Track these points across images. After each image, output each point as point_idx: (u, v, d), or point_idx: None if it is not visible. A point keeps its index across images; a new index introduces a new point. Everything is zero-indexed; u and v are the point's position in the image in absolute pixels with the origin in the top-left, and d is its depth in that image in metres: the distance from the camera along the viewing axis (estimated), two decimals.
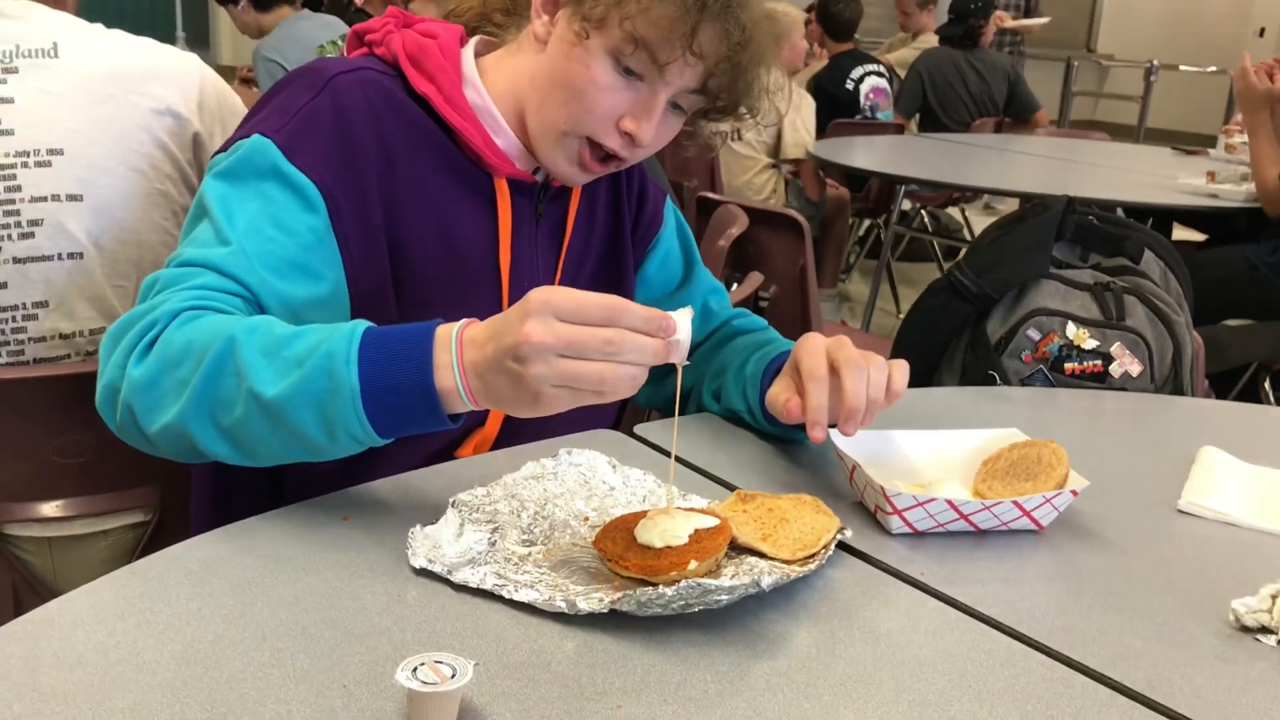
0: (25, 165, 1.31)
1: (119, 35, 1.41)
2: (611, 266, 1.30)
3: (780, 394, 1.13)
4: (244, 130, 1.08)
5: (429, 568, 0.88)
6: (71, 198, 1.33)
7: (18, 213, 1.32)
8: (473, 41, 1.20)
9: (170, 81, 1.40)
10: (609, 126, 1.10)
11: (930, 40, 6.03)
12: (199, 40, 10.74)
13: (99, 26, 1.40)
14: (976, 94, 5.59)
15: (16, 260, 1.33)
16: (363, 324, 0.91)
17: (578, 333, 0.82)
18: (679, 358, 0.86)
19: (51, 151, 1.32)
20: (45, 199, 1.32)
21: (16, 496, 1.32)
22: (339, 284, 1.07)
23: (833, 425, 1.07)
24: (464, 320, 0.90)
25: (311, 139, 1.06)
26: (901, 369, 1.08)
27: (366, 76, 1.11)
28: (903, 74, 5.83)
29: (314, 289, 1.04)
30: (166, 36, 1.51)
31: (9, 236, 1.32)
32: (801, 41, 4.70)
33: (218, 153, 1.09)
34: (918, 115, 5.72)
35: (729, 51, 1.07)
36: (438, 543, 0.92)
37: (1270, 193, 3.14)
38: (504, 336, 0.84)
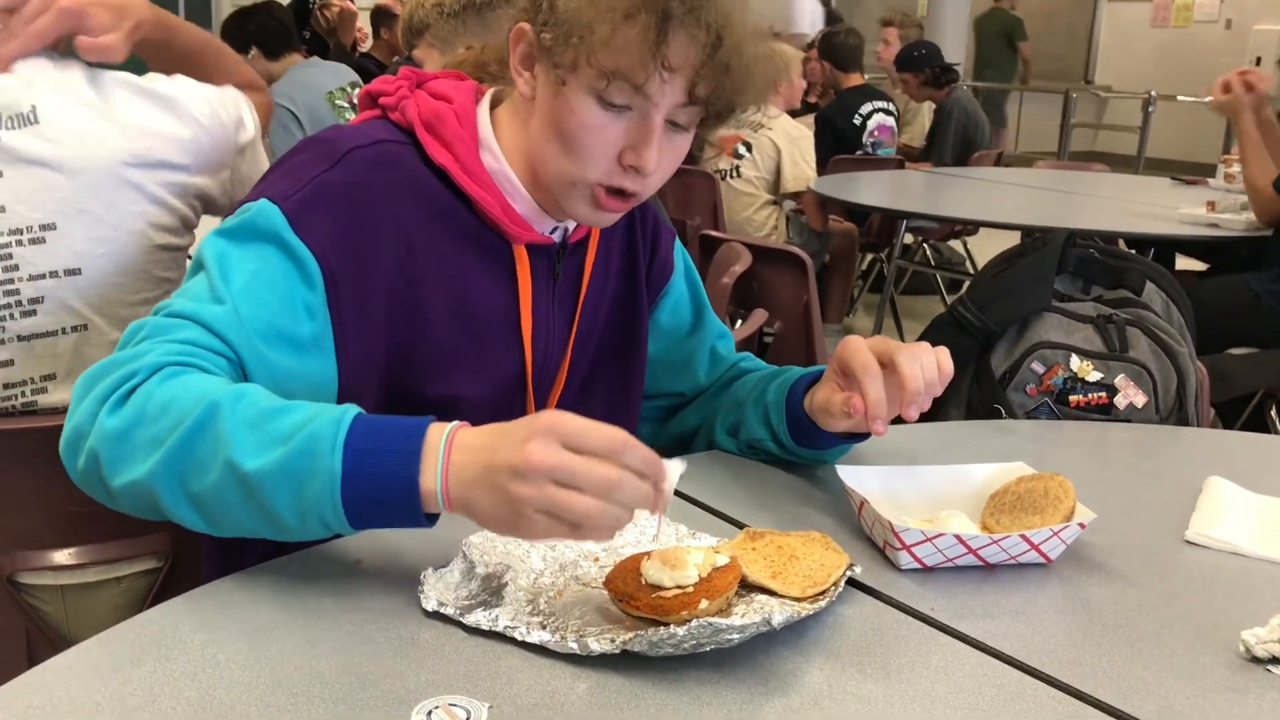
0: (20, 243, 1.28)
1: (108, 88, 1.34)
2: (626, 314, 1.29)
3: (834, 396, 1.14)
4: (253, 194, 1.06)
5: (441, 610, 0.89)
6: (70, 272, 1.31)
7: (17, 292, 1.29)
8: (487, 96, 1.18)
9: (167, 143, 1.35)
10: (612, 165, 1.08)
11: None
12: (201, 23, 10.80)
13: (83, 78, 1.33)
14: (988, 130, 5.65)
15: (21, 338, 1.31)
16: (353, 409, 0.89)
17: (578, 462, 0.81)
18: (661, 507, 0.85)
19: (44, 227, 1.28)
20: (44, 276, 1.30)
21: (31, 544, 1.32)
22: (327, 361, 1.05)
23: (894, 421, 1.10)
24: (456, 423, 0.89)
25: (320, 213, 1.04)
26: (945, 353, 1.11)
27: (384, 151, 1.10)
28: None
29: (301, 363, 1.02)
30: None
31: (11, 316, 1.30)
32: (799, 80, 4.70)
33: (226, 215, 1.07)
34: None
35: (704, 55, 1.03)
36: (449, 585, 0.92)
37: (1263, 199, 3.17)
38: (501, 451, 0.83)
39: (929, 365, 1.08)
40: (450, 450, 0.86)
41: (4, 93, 1.28)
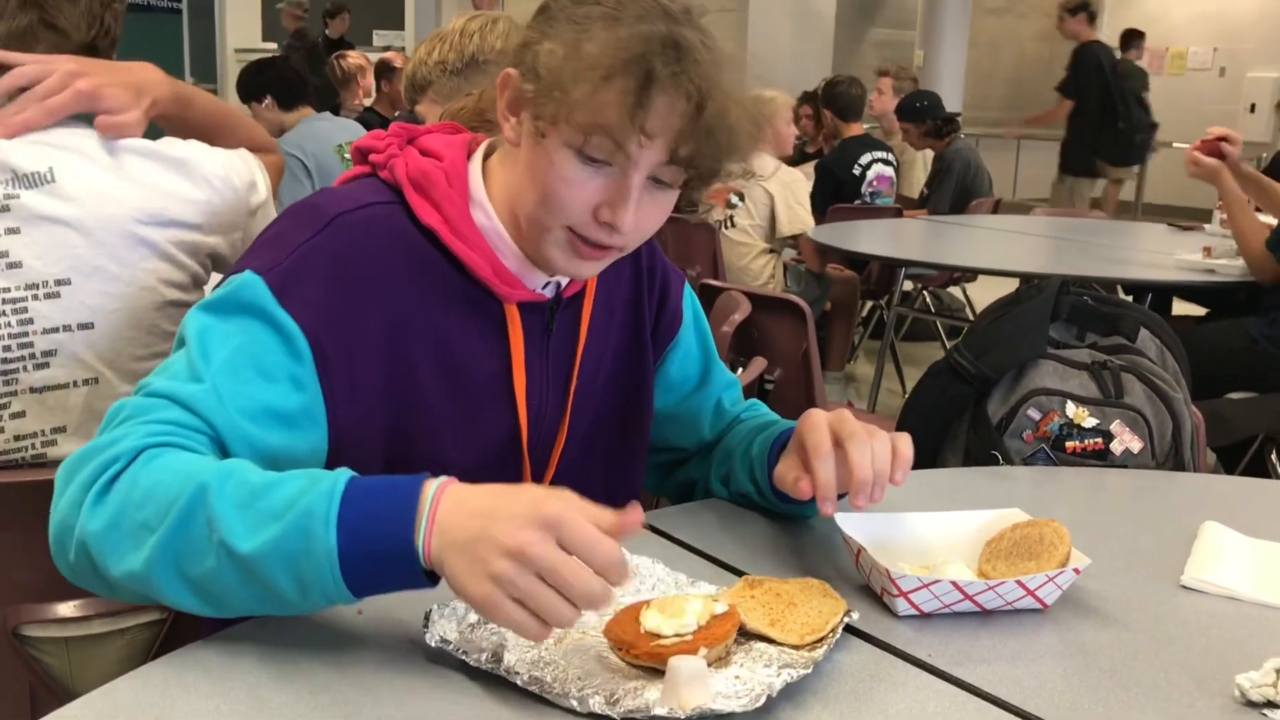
0: (35, 297, 1.31)
1: (122, 151, 1.36)
2: (630, 369, 1.27)
3: (788, 472, 1.15)
4: (239, 265, 1.05)
5: (444, 648, 0.89)
6: (82, 326, 1.33)
7: (31, 345, 1.32)
8: (481, 148, 1.17)
9: (179, 203, 1.37)
10: (586, 219, 1.06)
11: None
12: (206, 80, 10.86)
13: (96, 139, 1.36)
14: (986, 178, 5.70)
15: (33, 390, 1.33)
16: (344, 476, 0.88)
17: (571, 570, 0.82)
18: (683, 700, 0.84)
19: (59, 282, 1.31)
20: (57, 330, 1.32)
21: (36, 597, 1.33)
22: (318, 433, 1.03)
23: (843, 496, 1.09)
24: (444, 479, 0.88)
25: (306, 283, 1.03)
26: (905, 440, 1.10)
27: (371, 215, 1.09)
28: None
29: (288, 438, 1.01)
30: (174, 76, 1.49)
31: (25, 368, 1.32)
32: (786, 128, 4.71)
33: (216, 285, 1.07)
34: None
35: (686, 120, 1.01)
36: (454, 622, 0.93)
37: (1258, 260, 3.19)
38: (497, 526, 0.83)
39: (881, 454, 1.08)
40: (437, 506, 0.86)
41: (23, 154, 1.31)
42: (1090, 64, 7.09)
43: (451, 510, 0.86)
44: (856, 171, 5.16)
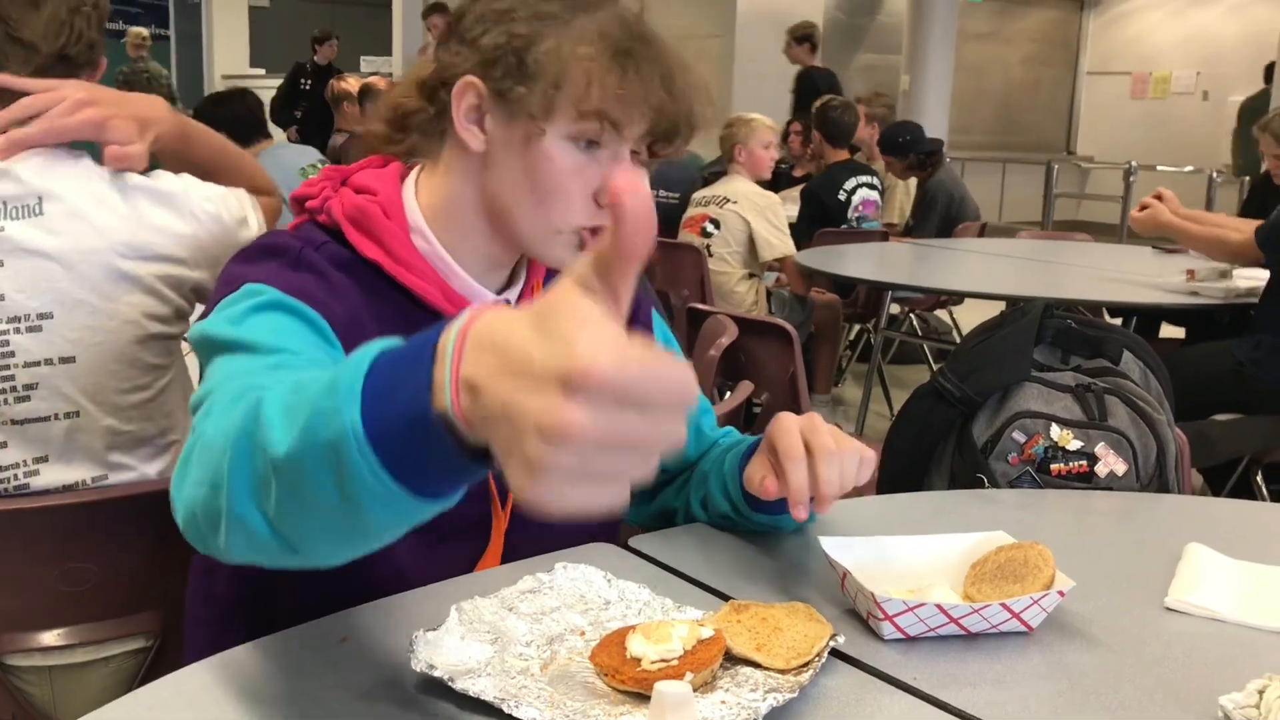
0: (18, 331, 1.30)
1: (113, 183, 1.36)
2: None
3: (756, 473, 1.15)
4: (222, 291, 1.05)
5: (430, 673, 0.89)
6: (64, 360, 1.33)
7: (13, 378, 1.31)
8: (411, 176, 1.18)
9: (166, 237, 1.37)
10: (590, 207, 1.10)
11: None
12: (193, 104, 10.90)
13: (91, 171, 1.36)
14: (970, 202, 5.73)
15: (15, 422, 1.33)
16: (387, 342, 0.71)
17: (632, 435, 0.59)
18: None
19: (41, 316, 1.31)
20: (39, 363, 1.31)
21: (18, 626, 1.32)
22: None
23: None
24: (471, 311, 0.66)
25: (305, 288, 1.05)
26: (870, 461, 1.12)
27: (330, 251, 1.11)
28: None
29: None
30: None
31: (6, 401, 1.32)
32: (763, 150, 4.70)
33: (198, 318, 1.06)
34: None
35: (663, 89, 1.08)
36: (439, 648, 0.93)
37: (1235, 249, 3.26)
38: (532, 395, 0.58)
39: (849, 472, 1.10)
40: (460, 355, 0.64)
41: (14, 184, 1.31)
42: (807, 89, 7.40)
43: (478, 360, 0.63)
44: (842, 196, 5.18)
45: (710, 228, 4.49)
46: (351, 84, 6.53)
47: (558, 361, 0.58)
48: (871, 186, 5.28)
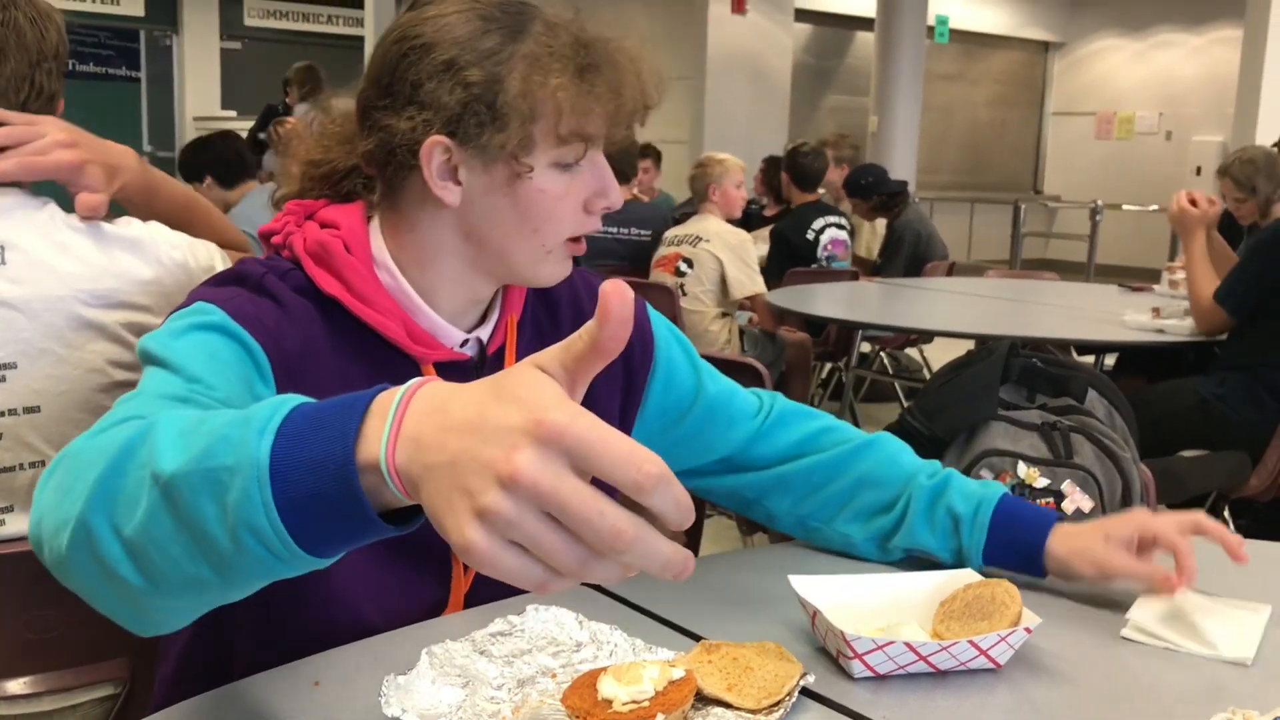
0: None
1: (77, 229, 1.35)
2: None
3: (1113, 559, 1.21)
4: (180, 308, 1.05)
5: (402, 718, 0.89)
6: (29, 410, 1.31)
7: None
8: (376, 218, 1.16)
9: (130, 284, 1.36)
10: (580, 215, 1.12)
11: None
12: (165, 148, 10.86)
13: (55, 218, 1.35)
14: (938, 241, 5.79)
15: None
16: (298, 398, 0.70)
17: (584, 500, 0.58)
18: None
19: (5, 366, 1.29)
20: (2, 414, 1.30)
21: None
22: None
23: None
24: (419, 379, 0.67)
25: (258, 316, 1.04)
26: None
27: (290, 277, 1.10)
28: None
29: None
30: (132, 145, 1.47)
31: None
32: (736, 190, 4.77)
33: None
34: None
35: (627, 85, 1.09)
36: (411, 692, 0.93)
37: (1204, 309, 3.27)
38: (485, 444, 0.59)
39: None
40: (405, 408, 0.64)
41: None
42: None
43: (425, 417, 0.63)
44: (810, 236, 5.23)
45: (684, 266, 4.52)
46: (293, 124, 6.53)
47: (513, 416, 0.59)
48: (840, 226, 5.33)
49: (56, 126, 1.36)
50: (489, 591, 1.17)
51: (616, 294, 0.61)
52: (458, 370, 1.15)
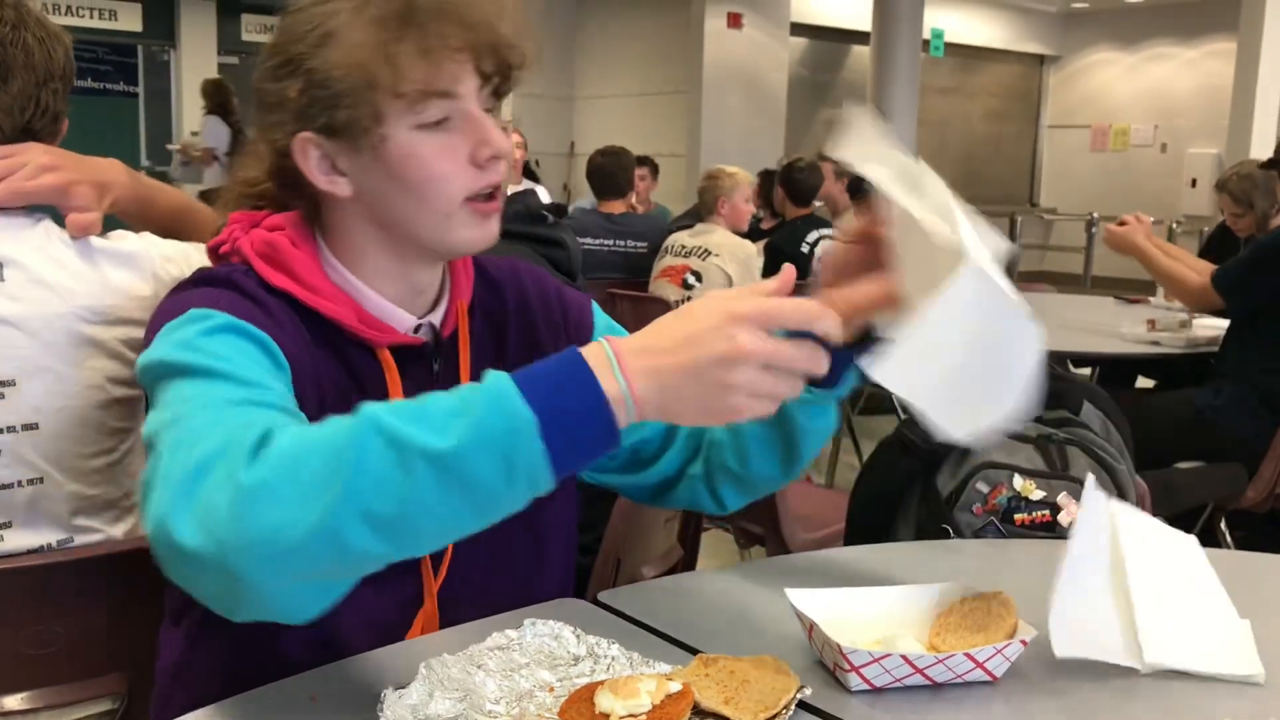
0: None
1: (74, 246, 1.35)
2: None
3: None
4: (164, 319, 1.05)
5: None
6: (27, 427, 1.31)
7: None
8: (317, 228, 1.18)
9: (128, 300, 1.36)
10: (470, 174, 1.10)
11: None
12: (162, 163, 10.85)
13: (51, 234, 1.35)
14: None
15: None
16: (492, 374, 0.88)
17: (786, 352, 0.89)
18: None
19: (4, 384, 1.29)
20: (2, 431, 1.30)
21: None
22: None
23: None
24: (601, 338, 0.90)
25: (248, 311, 1.05)
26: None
27: (250, 275, 1.11)
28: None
29: None
30: (130, 162, 1.47)
31: None
32: (745, 205, 4.79)
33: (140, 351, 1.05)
34: None
35: (468, 32, 1.06)
36: (408, 706, 0.93)
37: (1195, 292, 3.30)
38: (706, 345, 0.87)
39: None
40: (621, 358, 0.88)
41: None
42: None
43: (640, 355, 0.89)
44: (805, 249, 5.24)
45: (692, 279, 4.53)
46: (186, 142, 6.66)
47: (711, 319, 0.88)
48: (833, 239, 5.35)
49: (38, 152, 1.36)
50: (463, 588, 1.18)
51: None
52: (414, 354, 1.17)
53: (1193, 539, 1.17)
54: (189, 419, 0.92)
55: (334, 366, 1.12)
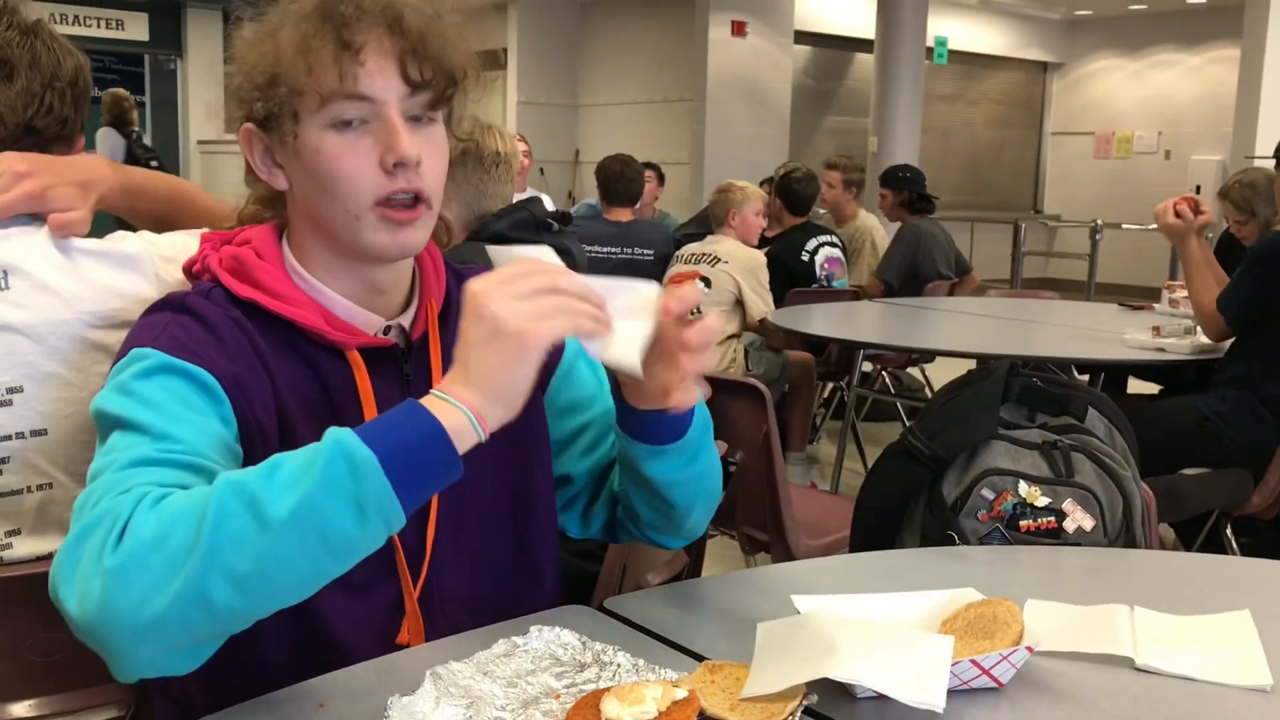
0: None
1: (75, 251, 1.35)
2: None
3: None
4: (117, 359, 1.09)
5: None
6: (36, 433, 1.32)
7: None
8: (285, 233, 1.21)
9: (132, 303, 1.35)
10: (378, 178, 1.10)
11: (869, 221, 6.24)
12: (168, 171, 10.91)
13: (54, 240, 1.35)
14: (952, 255, 5.80)
15: None
16: (336, 430, 0.93)
17: (517, 276, 0.96)
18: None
19: (11, 390, 1.29)
20: (10, 438, 1.30)
21: None
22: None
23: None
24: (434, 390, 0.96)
25: (190, 345, 1.07)
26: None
27: (213, 294, 1.14)
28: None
29: (238, 467, 1.02)
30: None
31: None
32: (756, 218, 4.80)
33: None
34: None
35: (397, 40, 1.08)
36: (414, 713, 0.93)
37: (1207, 316, 3.27)
38: (472, 330, 0.95)
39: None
40: (449, 389, 0.95)
41: None
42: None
43: (454, 382, 0.96)
44: (805, 257, 5.25)
45: (701, 285, 4.55)
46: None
47: (467, 311, 0.97)
48: (833, 245, 5.35)
49: (12, 160, 1.36)
50: (446, 582, 1.19)
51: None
52: (384, 356, 1.18)
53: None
54: (100, 476, 0.97)
55: (302, 372, 1.14)
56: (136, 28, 11.62)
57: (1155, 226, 3.50)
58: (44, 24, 1.41)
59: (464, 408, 0.94)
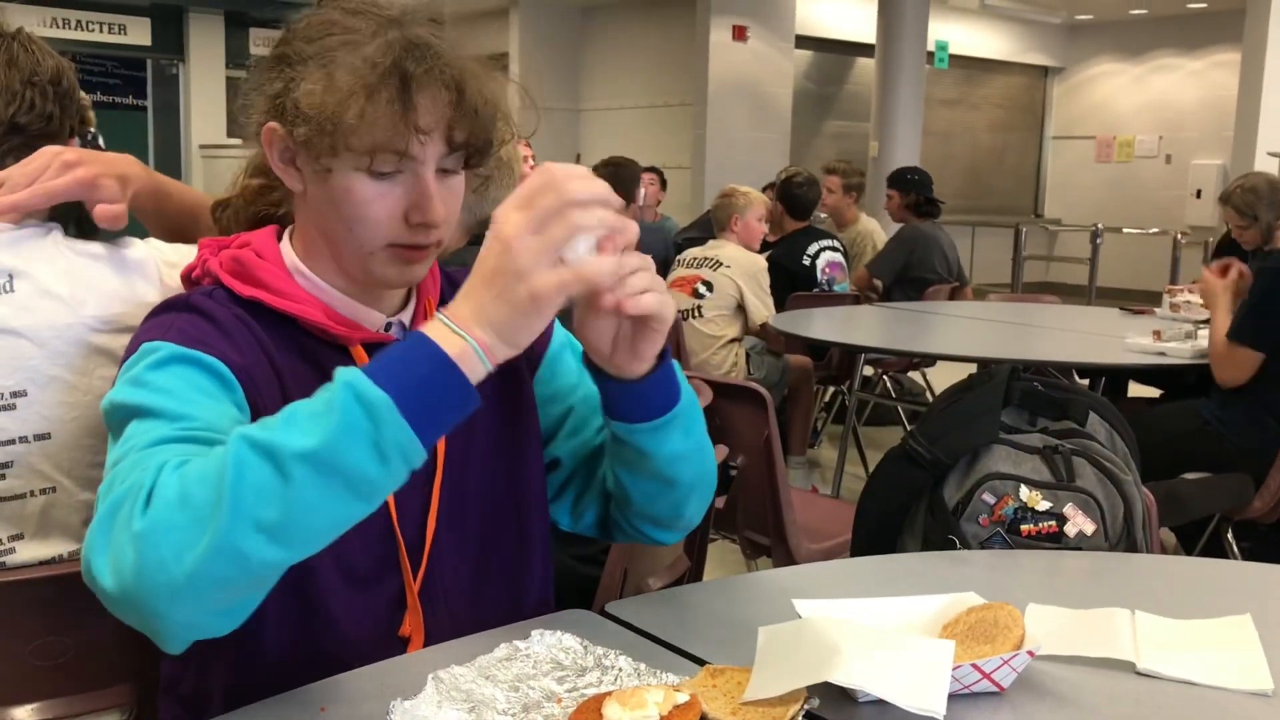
0: None
1: (81, 255, 1.36)
2: (507, 385, 1.24)
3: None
4: (125, 358, 1.09)
5: None
6: (39, 437, 1.32)
7: None
8: (287, 231, 1.22)
9: (137, 308, 1.34)
10: (399, 226, 1.11)
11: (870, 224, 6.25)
12: (171, 174, 10.89)
13: (59, 245, 1.36)
14: (952, 261, 5.80)
15: None
16: (345, 370, 0.93)
17: (536, 203, 0.94)
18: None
19: (15, 394, 1.29)
20: (13, 442, 1.30)
21: None
22: None
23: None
24: (439, 310, 0.96)
25: (200, 335, 1.08)
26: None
27: (216, 295, 1.15)
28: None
29: None
30: None
31: None
32: (758, 224, 4.81)
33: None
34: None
35: (452, 107, 1.08)
36: (416, 717, 0.94)
37: (1218, 354, 3.25)
38: (491, 263, 0.94)
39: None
40: (454, 317, 0.95)
41: None
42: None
43: (465, 304, 0.95)
44: (806, 262, 5.25)
45: (703, 289, 4.55)
46: None
47: (489, 244, 0.96)
48: (834, 249, 5.36)
49: (58, 150, 1.37)
50: (446, 573, 1.19)
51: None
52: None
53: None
54: (121, 462, 0.97)
55: (307, 369, 1.14)
56: (139, 32, 11.63)
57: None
58: (24, 31, 1.42)
59: (471, 340, 0.94)
